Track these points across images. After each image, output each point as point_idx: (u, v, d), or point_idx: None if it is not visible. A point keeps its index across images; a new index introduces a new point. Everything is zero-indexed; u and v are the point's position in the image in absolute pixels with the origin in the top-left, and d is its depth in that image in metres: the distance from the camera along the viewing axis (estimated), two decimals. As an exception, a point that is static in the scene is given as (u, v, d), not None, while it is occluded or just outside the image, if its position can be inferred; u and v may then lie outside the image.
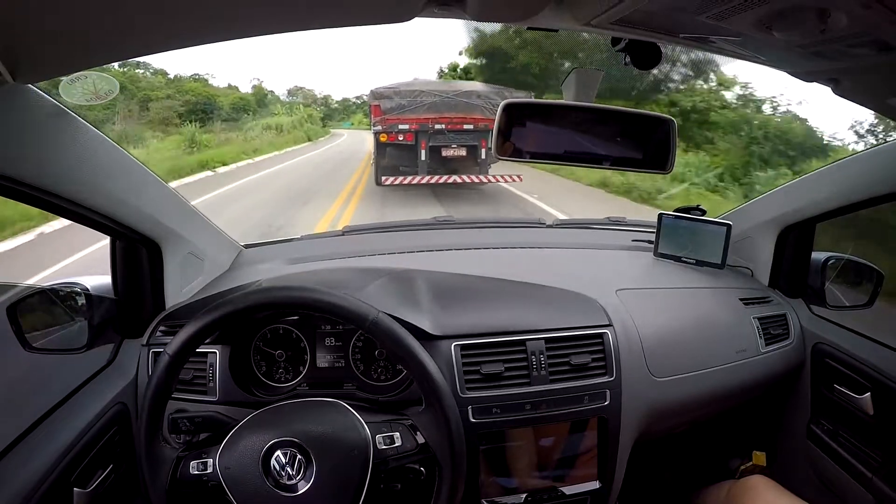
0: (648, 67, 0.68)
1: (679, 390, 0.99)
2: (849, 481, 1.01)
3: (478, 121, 7.01)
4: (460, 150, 7.13)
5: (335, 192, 7.97)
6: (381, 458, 0.69)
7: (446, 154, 7.14)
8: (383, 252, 1.24)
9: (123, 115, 16.02)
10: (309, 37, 70.78)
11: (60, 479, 0.72)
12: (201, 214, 1.08)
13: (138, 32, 0.55)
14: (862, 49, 0.53)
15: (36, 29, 0.49)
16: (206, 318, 0.69)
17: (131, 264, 0.93)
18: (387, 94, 7.13)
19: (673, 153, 0.78)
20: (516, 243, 1.35)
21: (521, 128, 0.78)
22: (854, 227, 2.30)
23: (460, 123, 7.02)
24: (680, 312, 1.07)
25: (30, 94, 0.61)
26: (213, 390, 0.86)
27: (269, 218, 5.98)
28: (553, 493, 0.90)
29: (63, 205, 0.71)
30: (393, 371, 0.93)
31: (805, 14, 0.47)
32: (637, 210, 6.61)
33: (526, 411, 0.86)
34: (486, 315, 0.93)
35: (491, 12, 0.59)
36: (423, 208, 6.48)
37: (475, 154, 7.19)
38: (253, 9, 0.53)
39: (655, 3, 0.51)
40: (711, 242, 1.22)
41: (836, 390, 1.06)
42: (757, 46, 0.61)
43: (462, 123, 7.02)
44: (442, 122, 6.98)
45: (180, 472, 0.68)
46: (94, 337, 0.87)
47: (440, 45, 69.91)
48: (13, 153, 0.61)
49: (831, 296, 1.14)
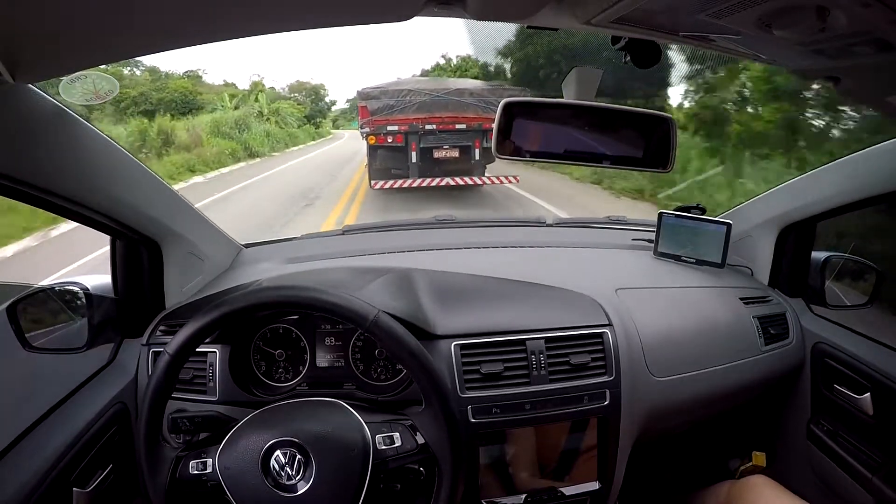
0: (648, 66, 0.68)
1: (679, 390, 0.99)
2: (848, 481, 1.01)
3: (471, 120, 6.72)
4: (453, 151, 6.85)
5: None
6: (380, 458, 0.69)
7: (438, 155, 6.86)
8: (383, 251, 1.24)
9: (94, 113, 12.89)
10: (320, 34, 70.16)
11: (60, 479, 0.72)
12: (201, 214, 1.08)
13: (138, 32, 0.55)
14: (862, 47, 0.53)
15: (36, 29, 0.49)
16: (206, 317, 0.69)
17: (131, 264, 0.94)
18: (374, 94, 6.83)
19: (674, 151, 0.78)
20: (516, 242, 1.35)
21: (521, 127, 0.78)
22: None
23: (452, 123, 6.72)
24: (680, 312, 1.07)
25: (30, 94, 0.61)
26: (212, 390, 0.86)
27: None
28: (553, 493, 0.90)
29: (63, 204, 0.71)
30: (393, 371, 0.93)
31: (804, 12, 0.47)
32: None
33: (526, 411, 0.86)
34: (486, 314, 0.93)
35: (491, 11, 0.59)
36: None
37: (469, 155, 6.89)
38: (252, 8, 0.53)
39: (655, 1, 0.51)
40: (711, 242, 1.22)
41: (836, 390, 1.06)
42: (757, 44, 0.61)
43: (454, 123, 6.73)
44: (433, 122, 6.69)
45: (180, 472, 0.68)
46: (94, 336, 0.87)
47: (452, 42, 69.08)
48: (13, 153, 0.61)
49: (831, 295, 1.14)
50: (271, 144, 17.40)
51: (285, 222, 6.09)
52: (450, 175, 6.85)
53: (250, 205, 7.61)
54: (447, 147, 6.84)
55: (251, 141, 15.82)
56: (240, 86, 26.31)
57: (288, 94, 32.85)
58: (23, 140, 0.62)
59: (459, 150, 6.86)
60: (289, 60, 72.70)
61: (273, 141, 17.77)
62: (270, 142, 17.41)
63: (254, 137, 16.15)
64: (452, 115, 6.75)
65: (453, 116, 6.75)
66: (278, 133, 19.29)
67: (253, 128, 16.82)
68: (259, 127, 17.45)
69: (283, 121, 21.32)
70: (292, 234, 1.41)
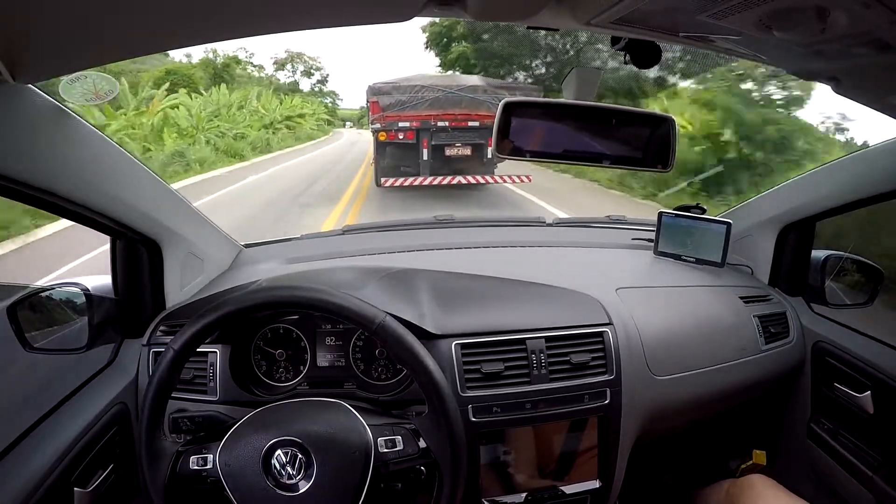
0: (648, 66, 0.68)
1: (679, 389, 0.99)
2: (849, 480, 1.01)
3: (484, 118, 6.52)
4: (465, 149, 6.71)
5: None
6: (381, 460, 0.69)
7: (450, 153, 6.73)
8: (383, 251, 1.24)
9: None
10: (320, 34, 68.39)
11: (61, 479, 0.72)
12: (201, 214, 1.08)
13: (138, 32, 0.55)
14: (862, 48, 0.53)
15: (36, 29, 0.49)
16: (211, 315, 0.69)
17: (131, 264, 0.94)
18: (385, 89, 6.70)
19: (673, 151, 0.78)
20: (516, 242, 1.35)
21: (521, 126, 0.78)
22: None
23: (465, 120, 6.58)
24: (680, 311, 1.07)
25: (30, 94, 0.61)
26: (213, 390, 0.87)
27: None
28: (553, 492, 0.90)
29: (63, 204, 0.71)
30: (393, 370, 0.93)
31: (805, 13, 0.47)
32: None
33: (526, 410, 0.86)
34: (487, 314, 0.93)
35: (491, 11, 0.59)
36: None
37: (481, 153, 6.76)
38: (252, 9, 0.53)
39: (655, 2, 0.51)
40: (711, 241, 1.22)
41: (837, 389, 1.06)
42: (757, 45, 0.61)
43: (467, 120, 6.59)
44: (445, 119, 6.55)
45: (180, 467, 0.68)
46: (95, 337, 0.87)
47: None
48: (13, 153, 0.61)
49: (832, 294, 1.14)
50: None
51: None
52: (461, 174, 6.72)
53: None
54: (459, 145, 6.70)
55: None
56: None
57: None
58: (23, 140, 0.61)
59: (472, 148, 6.73)
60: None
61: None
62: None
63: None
64: (465, 113, 6.60)
65: (466, 114, 6.60)
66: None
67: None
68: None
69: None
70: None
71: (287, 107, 22.11)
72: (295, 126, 21.73)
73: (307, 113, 25.06)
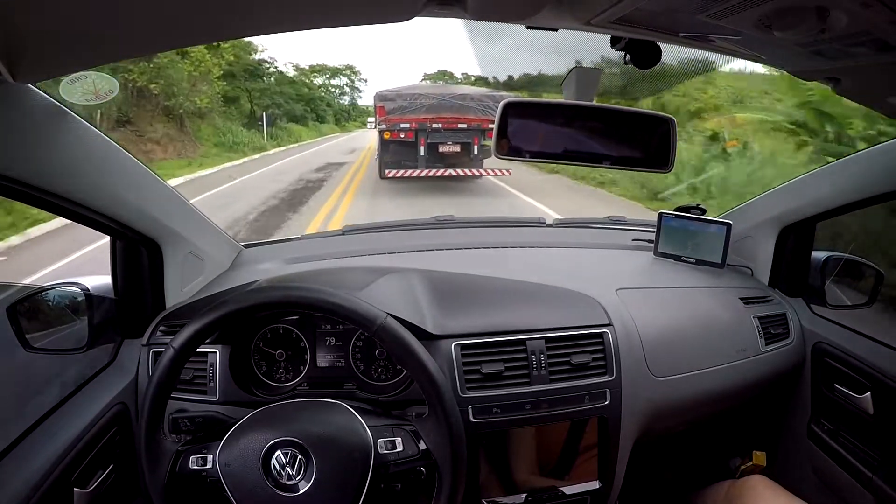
0: (648, 66, 0.68)
1: (679, 390, 0.99)
2: (849, 481, 1.01)
3: (470, 120, 7.87)
4: (455, 147, 7.99)
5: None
6: (381, 461, 0.69)
7: (443, 150, 7.97)
8: (383, 251, 1.24)
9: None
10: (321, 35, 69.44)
11: (61, 480, 0.72)
12: (201, 214, 1.08)
13: (138, 32, 0.55)
14: (862, 48, 0.53)
15: (36, 29, 0.49)
16: (212, 314, 0.69)
17: (131, 264, 0.94)
18: (390, 96, 8.01)
19: (673, 151, 0.78)
20: (516, 242, 1.35)
21: (521, 127, 0.78)
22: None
23: (455, 123, 7.87)
24: (680, 312, 1.07)
25: (30, 94, 0.61)
26: (213, 390, 0.86)
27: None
28: (553, 492, 0.90)
29: (63, 204, 0.71)
30: (393, 371, 0.93)
31: (805, 13, 0.47)
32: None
33: (526, 411, 0.86)
34: (486, 314, 0.93)
35: (491, 11, 0.59)
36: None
37: (469, 150, 8.07)
38: (252, 8, 0.53)
39: (655, 2, 0.51)
40: (711, 242, 1.22)
41: (837, 390, 1.06)
42: (757, 45, 0.61)
43: (457, 123, 7.87)
44: (439, 121, 7.83)
45: (179, 466, 0.68)
46: (95, 337, 0.87)
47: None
48: (13, 153, 0.61)
49: (831, 295, 1.14)
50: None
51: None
52: (452, 167, 8.01)
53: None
54: (450, 143, 8.00)
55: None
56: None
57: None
58: (23, 140, 0.61)
59: (461, 146, 8.04)
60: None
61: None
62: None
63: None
64: (455, 116, 7.91)
65: (456, 117, 7.90)
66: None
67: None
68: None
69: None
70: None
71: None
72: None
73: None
